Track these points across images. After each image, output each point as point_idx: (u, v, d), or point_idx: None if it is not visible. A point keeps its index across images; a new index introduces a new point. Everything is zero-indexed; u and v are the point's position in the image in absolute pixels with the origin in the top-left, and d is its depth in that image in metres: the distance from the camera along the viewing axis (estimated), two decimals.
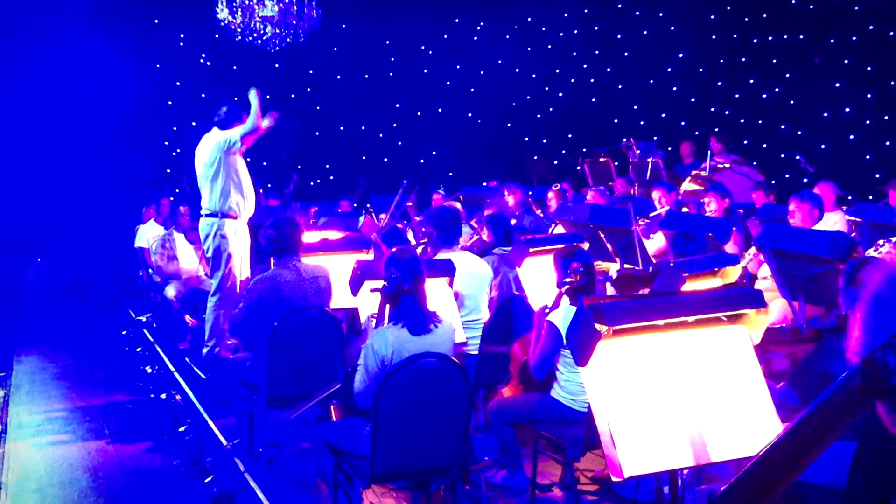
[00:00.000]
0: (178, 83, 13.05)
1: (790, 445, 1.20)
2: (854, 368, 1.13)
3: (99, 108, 11.85)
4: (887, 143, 11.85)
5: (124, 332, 8.58)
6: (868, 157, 12.02)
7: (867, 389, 1.11)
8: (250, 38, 10.59)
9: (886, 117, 11.89)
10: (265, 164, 12.76)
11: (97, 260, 11.80)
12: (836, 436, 1.18)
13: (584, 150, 13.49)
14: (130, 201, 11.18)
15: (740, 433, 2.54)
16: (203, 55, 13.27)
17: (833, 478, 2.50)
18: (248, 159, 6.91)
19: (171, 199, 11.02)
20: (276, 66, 13.34)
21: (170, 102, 13.00)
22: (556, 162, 14.59)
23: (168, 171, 12.51)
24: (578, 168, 12.15)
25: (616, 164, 11.83)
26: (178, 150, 12.57)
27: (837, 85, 12.49)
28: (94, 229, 11.93)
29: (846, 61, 12.43)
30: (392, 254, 3.94)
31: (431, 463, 3.74)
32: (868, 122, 12.10)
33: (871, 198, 9.60)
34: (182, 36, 13.19)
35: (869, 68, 12.12)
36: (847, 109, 12.38)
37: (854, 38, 12.37)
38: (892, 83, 11.85)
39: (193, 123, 12.70)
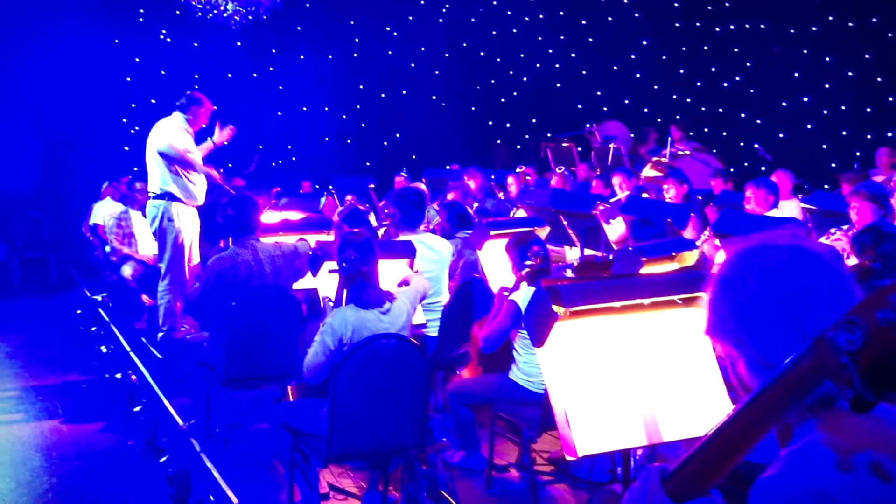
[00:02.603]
0: (137, 59, 12.81)
1: (740, 425, 1.21)
2: (804, 348, 1.14)
3: (55, 84, 11.59)
4: (843, 132, 12.04)
5: (79, 312, 8.45)
6: (824, 146, 12.20)
7: (817, 368, 1.12)
8: (211, 15, 10.41)
9: (843, 107, 12.07)
10: (226, 143, 12.59)
11: (52, 238, 11.59)
12: (784, 416, 1.19)
13: (548, 135, 13.53)
14: (87, 179, 10.97)
15: (692, 413, 2.58)
16: (163, 31, 13.03)
17: None
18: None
19: (130, 177, 10.86)
20: (238, 44, 13.15)
21: (128, 79, 12.76)
22: (519, 146, 14.60)
23: (126, 148, 12.29)
24: (543, 155, 12.19)
25: (579, 149, 11.88)
26: (137, 128, 12.33)
27: (797, 75, 12.65)
28: (50, 207, 11.71)
29: (805, 51, 12.58)
30: (345, 236, 3.95)
31: (389, 443, 3.74)
32: (825, 112, 12.27)
33: (826, 187, 9.76)
34: (142, 11, 12.94)
35: (828, 59, 12.28)
36: (805, 99, 12.54)
37: (814, 29, 12.52)
38: (850, 74, 12.02)
39: (153, 101, 12.49)
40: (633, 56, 14.45)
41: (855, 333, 1.06)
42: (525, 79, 14.79)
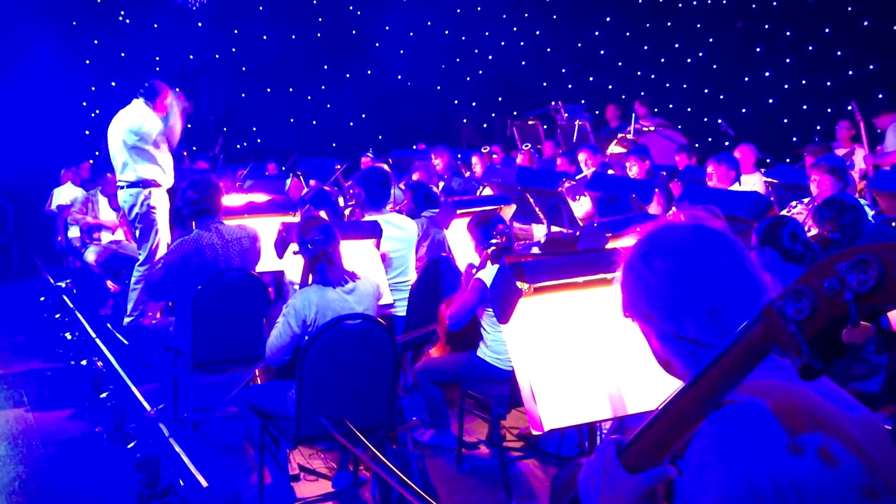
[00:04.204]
0: (96, 41, 12.57)
1: (691, 396, 1.23)
2: (753, 318, 1.16)
3: (12, 68, 11.35)
4: (804, 106, 12.17)
5: (42, 299, 8.34)
6: (786, 120, 12.34)
7: (766, 338, 1.13)
8: None
9: (804, 81, 12.19)
10: (190, 126, 12.44)
11: (13, 225, 11.40)
12: (735, 386, 1.21)
13: (514, 113, 13.53)
14: (47, 164, 10.78)
15: (657, 386, 2.61)
16: (122, 12, 12.80)
17: None
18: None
19: (91, 161, 10.71)
20: (199, 24, 12.96)
21: (87, 62, 12.54)
22: (485, 125, 14.59)
23: (87, 132, 12.10)
24: (509, 133, 12.20)
25: (545, 127, 11.91)
26: (98, 111, 12.15)
27: (758, 49, 12.76)
28: (12, 193, 11.50)
29: (766, 26, 12.68)
30: (306, 219, 3.96)
31: (358, 423, 3.75)
32: (786, 86, 12.40)
33: (788, 160, 9.88)
34: None
35: (788, 33, 12.39)
36: (767, 74, 12.66)
37: (774, 4, 12.62)
38: (810, 48, 12.15)
39: (113, 83, 12.29)
40: (597, 33, 14.46)
41: (802, 302, 1.08)
42: (490, 57, 14.76)
